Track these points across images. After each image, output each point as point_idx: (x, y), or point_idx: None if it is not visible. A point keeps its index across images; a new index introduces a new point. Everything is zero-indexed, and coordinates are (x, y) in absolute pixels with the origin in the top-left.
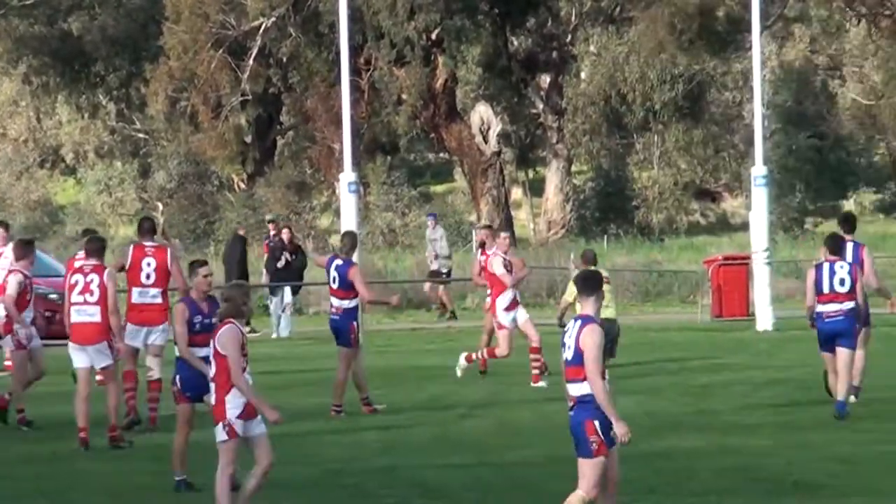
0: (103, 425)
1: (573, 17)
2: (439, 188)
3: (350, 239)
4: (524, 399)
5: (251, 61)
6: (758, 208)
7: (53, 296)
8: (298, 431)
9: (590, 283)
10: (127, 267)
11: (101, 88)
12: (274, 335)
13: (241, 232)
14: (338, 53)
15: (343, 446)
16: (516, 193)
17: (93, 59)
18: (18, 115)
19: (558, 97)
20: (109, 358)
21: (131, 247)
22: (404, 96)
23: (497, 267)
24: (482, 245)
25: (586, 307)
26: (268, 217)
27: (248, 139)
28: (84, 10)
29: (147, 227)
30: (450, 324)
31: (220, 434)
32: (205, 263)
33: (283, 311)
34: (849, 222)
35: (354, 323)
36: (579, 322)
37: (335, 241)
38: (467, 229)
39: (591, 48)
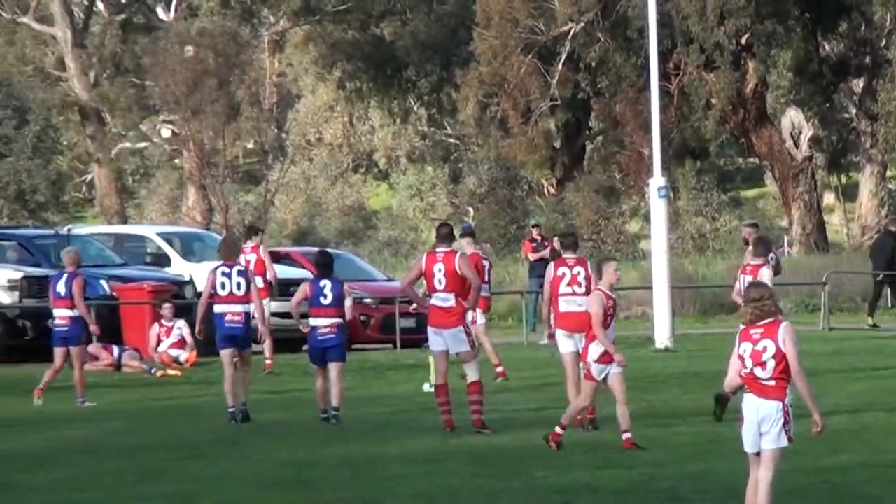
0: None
1: (888, 22)
2: (749, 193)
3: None
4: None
5: (560, 66)
6: None
7: (368, 300)
8: (610, 438)
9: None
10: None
11: (412, 93)
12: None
13: (893, 228)
14: (647, 58)
15: (656, 451)
16: (828, 198)
17: (404, 65)
18: (333, 119)
19: (872, 102)
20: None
21: (425, 254)
22: (713, 101)
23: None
24: (746, 242)
25: None
26: (532, 221)
27: (557, 144)
28: (396, 16)
29: (444, 234)
30: None
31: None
32: None
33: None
34: None
35: None
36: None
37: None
38: (778, 234)
39: None
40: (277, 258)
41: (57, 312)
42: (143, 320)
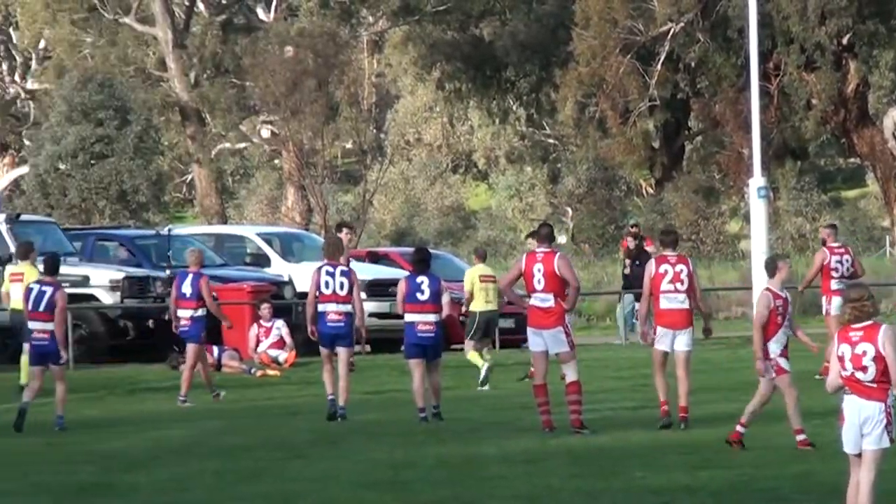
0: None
1: None
2: (850, 193)
3: None
4: None
5: (659, 66)
6: None
7: None
8: (709, 438)
9: None
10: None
11: (511, 94)
12: (616, 341)
13: None
14: (746, 58)
15: (755, 451)
16: None
17: (504, 65)
18: (433, 120)
19: None
20: (691, 345)
21: (525, 255)
22: (814, 101)
23: None
24: (823, 243)
25: None
26: (631, 221)
27: (656, 144)
28: (495, 16)
29: (544, 234)
30: None
31: None
32: None
33: (633, 317)
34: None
35: None
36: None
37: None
38: (880, 234)
39: None
40: (376, 258)
41: (180, 313)
42: (242, 320)
